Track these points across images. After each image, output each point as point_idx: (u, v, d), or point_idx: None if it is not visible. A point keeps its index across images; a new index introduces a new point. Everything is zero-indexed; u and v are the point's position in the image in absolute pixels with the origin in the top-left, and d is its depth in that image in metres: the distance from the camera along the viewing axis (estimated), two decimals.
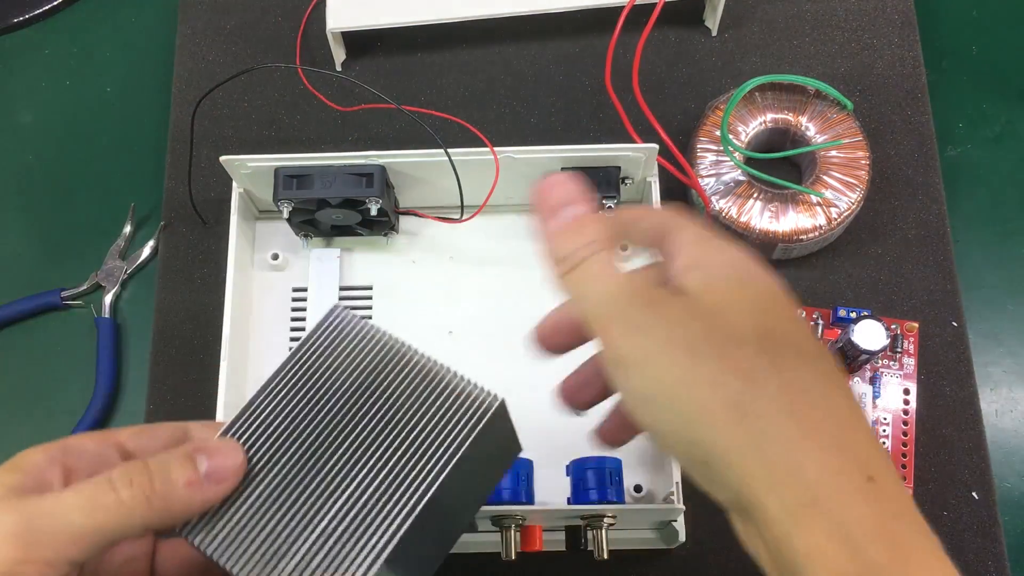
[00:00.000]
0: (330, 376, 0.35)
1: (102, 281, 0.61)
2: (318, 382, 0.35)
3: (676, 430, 0.30)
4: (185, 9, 0.67)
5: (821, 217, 0.56)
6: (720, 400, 0.28)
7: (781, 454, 0.28)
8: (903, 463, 0.53)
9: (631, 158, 0.53)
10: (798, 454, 0.28)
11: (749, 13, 0.65)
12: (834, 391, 0.29)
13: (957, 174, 0.62)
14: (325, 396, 0.35)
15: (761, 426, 0.28)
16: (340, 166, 0.52)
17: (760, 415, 0.28)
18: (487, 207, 0.55)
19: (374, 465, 0.34)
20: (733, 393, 0.28)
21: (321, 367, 0.36)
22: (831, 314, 0.56)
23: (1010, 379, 0.58)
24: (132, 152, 0.65)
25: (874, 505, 0.28)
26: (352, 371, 0.36)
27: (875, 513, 0.28)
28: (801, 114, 0.58)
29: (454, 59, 0.65)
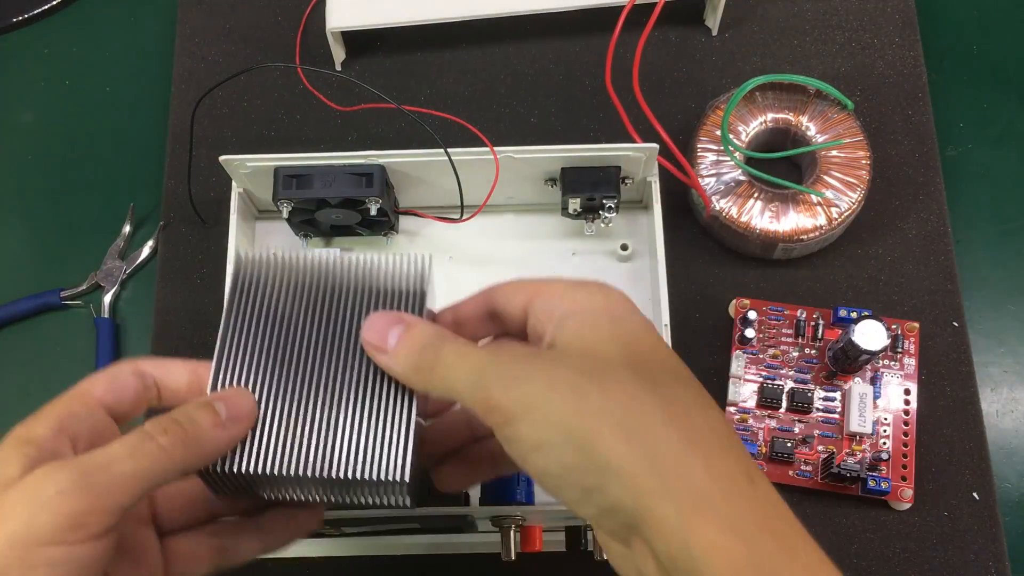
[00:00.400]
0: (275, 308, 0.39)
1: (101, 281, 0.61)
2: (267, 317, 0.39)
3: (570, 465, 0.31)
4: (185, 9, 0.67)
5: (822, 217, 0.56)
6: (608, 425, 0.30)
7: (671, 464, 0.30)
8: (904, 463, 0.53)
9: (631, 158, 0.53)
10: (686, 462, 0.30)
11: (749, 13, 0.65)
12: (708, 407, 0.33)
13: (958, 174, 0.62)
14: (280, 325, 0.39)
15: (649, 441, 0.30)
16: (340, 166, 0.52)
17: (646, 431, 0.30)
18: (487, 207, 0.55)
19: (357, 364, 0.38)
20: (619, 416, 0.31)
21: (261, 306, 0.39)
22: (831, 314, 0.56)
23: (1011, 379, 0.58)
24: (132, 152, 0.65)
25: (756, 502, 0.31)
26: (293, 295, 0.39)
27: (758, 509, 0.31)
28: (801, 114, 0.58)
29: (454, 59, 0.65)
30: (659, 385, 0.32)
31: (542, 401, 0.32)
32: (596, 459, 0.31)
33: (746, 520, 0.30)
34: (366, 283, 0.40)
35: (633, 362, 0.33)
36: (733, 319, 0.57)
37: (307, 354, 0.38)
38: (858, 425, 0.53)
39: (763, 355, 0.56)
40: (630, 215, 0.58)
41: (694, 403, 0.32)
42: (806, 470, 0.54)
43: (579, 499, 0.32)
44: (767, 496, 0.31)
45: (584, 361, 0.33)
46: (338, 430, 0.37)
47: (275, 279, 0.40)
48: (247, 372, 0.38)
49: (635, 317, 0.35)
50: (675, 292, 0.55)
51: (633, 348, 0.33)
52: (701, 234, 0.60)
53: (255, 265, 0.40)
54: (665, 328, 0.51)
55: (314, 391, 0.38)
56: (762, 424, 0.54)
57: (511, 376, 0.33)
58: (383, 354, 0.37)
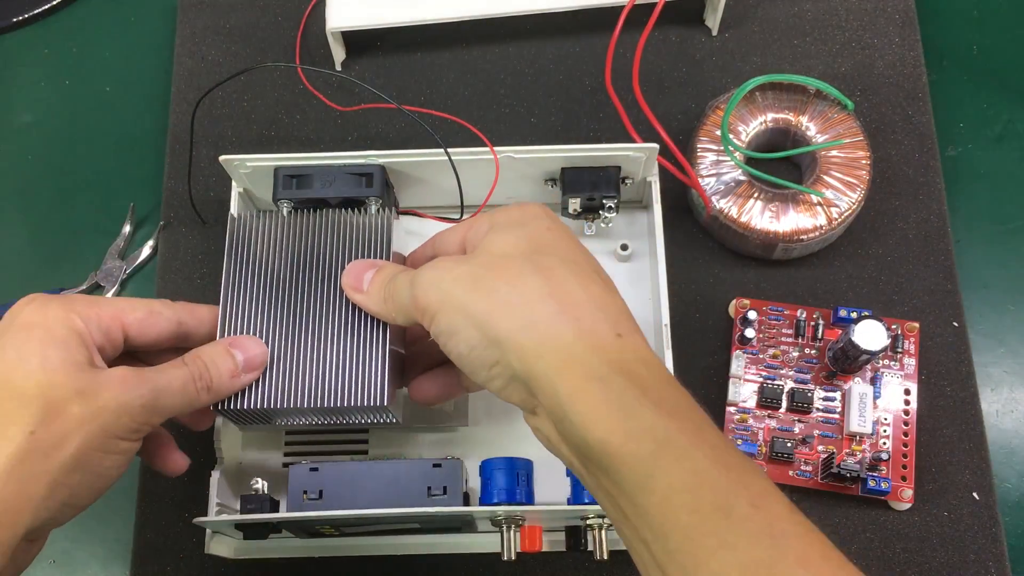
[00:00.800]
0: (266, 261, 0.48)
1: (101, 281, 0.61)
2: (260, 269, 0.47)
3: (475, 344, 0.38)
4: (185, 9, 0.67)
5: (822, 217, 0.56)
6: (498, 304, 0.37)
7: (545, 329, 0.36)
8: (904, 463, 0.53)
9: (631, 158, 0.53)
10: (558, 325, 0.36)
11: (749, 13, 0.65)
12: (589, 283, 0.38)
13: (957, 174, 0.62)
14: (271, 276, 0.47)
15: (529, 312, 0.37)
16: (340, 166, 0.52)
17: (528, 305, 0.37)
18: (487, 207, 0.55)
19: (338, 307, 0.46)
20: (505, 295, 0.37)
21: (254, 259, 0.48)
22: (831, 314, 0.56)
23: (1011, 379, 0.58)
24: (132, 152, 0.65)
25: (618, 352, 0.36)
26: (280, 249, 0.48)
27: (618, 357, 0.36)
28: (801, 114, 0.58)
29: (454, 59, 0.65)
30: (545, 268, 0.38)
31: (450, 294, 0.39)
32: (491, 334, 0.37)
33: (605, 367, 0.36)
34: (342, 237, 0.48)
35: (528, 253, 0.39)
36: (733, 319, 0.57)
37: (295, 300, 0.47)
38: (858, 425, 0.53)
39: (763, 355, 0.56)
40: (630, 215, 0.58)
41: (574, 279, 0.38)
42: (806, 470, 0.54)
43: (489, 375, 0.38)
44: (632, 347, 0.37)
45: (488, 258, 0.39)
46: (326, 366, 0.46)
47: (264, 236, 0.48)
48: (248, 318, 0.46)
49: (539, 221, 0.41)
50: (675, 292, 0.55)
51: (535, 243, 0.40)
52: (701, 234, 0.60)
53: (245, 223, 0.49)
54: (665, 328, 0.51)
55: (303, 332, 0.46)
56: (762, 424, 0.54)
57: (430, 280, 0.40)
58: (359, 293, 0.45)
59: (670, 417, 0.35)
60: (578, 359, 0.36)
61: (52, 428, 0.38)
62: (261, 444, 0.54)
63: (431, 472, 0.48)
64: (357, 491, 0.48)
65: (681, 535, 0.33)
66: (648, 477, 0.34)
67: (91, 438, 0.39)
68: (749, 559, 0.32)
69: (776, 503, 0.34)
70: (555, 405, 0.36)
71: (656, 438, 0.34)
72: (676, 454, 0.34)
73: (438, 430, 0.54)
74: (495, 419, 0.54)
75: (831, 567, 0.33)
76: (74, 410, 0.39)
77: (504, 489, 0.48)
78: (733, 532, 0.32)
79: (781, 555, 0.32)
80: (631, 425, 0.34)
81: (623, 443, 0.34)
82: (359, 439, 0.54)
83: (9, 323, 0.41)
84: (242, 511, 0.49)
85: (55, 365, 0.39)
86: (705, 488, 0.33)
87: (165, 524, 0.54)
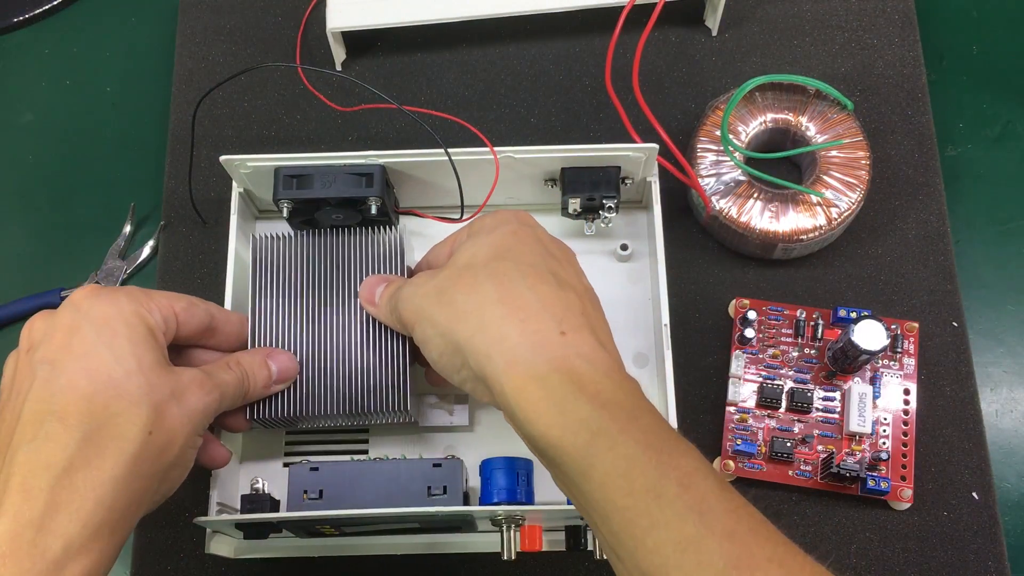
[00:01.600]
0: (289, 277, 0.51)
1: (102, 281, 0.61)
2: (285, 285, 0.51)
3: (443, 350, 0.41)
4: (185, 9, 0.67)
5: (821, 217, 0.56)
6: (457, 312, 0.40)
7: (494, 332, 0.39)
8: (903, 463, 0.53)
9: (631, 158, 0.53)
10: (505, 328, 0.39)
11: (749, 13, 0.65)
12: (539, 281, 0.41)
13: (957, 174, 0.62)
14: (298, 289, 0.51)
15: (481, 317, 0.40)
16: (340, 166, 0.52)
17: (481, 310, 0.40)
18: (487, 207, 0.55)
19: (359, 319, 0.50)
20: (462, 304, 0.41)
21: (278, 276, 0.51)
22: (831, 314, 0.56)
23: (1010, 379, 0.58)
24: (132, 152, 0.65)
25: (561, 349, 0.38)
26: (302, 267, 0.51)
27: (562, 354, 0.38)
28: (801, 114, 0.58)
29: (454, 59, 0.65)
30: (499, 274, 0.41)
31: (421, 308, 0.42)
32: (453, 340, 0.40)
33: (545, 365, 0.38)
34: (359, 255, 0.51)
35: (490, 260, 0.42)
36: (733, 319, 0.57)
37: (319, 314, 0.50)
38: (858, 425, 0.53)
39: (763, 355, 0.56)
40: (630, 215, 0.58)
41: (524, 281, 0.40)
42: (806, 470, 0.54)
43: (460, 378, 0.41)
44: (574, 343, 0.39)
45: (453, 270, 0.42)
46: (350, 373, 0.49)
47: (286, 255, 0.52)
48: (276, 332, 0.50)
49: (506, 227, 0.43)
50: (675, 292, 0.55)
51: (496, 250, 0.42)
52: (701, 234, 0.60)
53: (269, 244, 0.52)
54: (665, 328, 0.51)
55: (327, 343, 0.50)
56: (762, 424, 0.54)
57: (407, 296, 0.44)
58: (373, 306, 0.49)
59: (603, 408, 0.37)
60: (521, 359, 0.38)
61: (164, 428, 0.41)
62: (261, 444, 0.54)
63: (431, 472, 0.48)
64: (357, 491, 0.48)
65: (620, 517, 0.35)
66: (587, 466, 0.36)
67: (187, 437, 0.42)
68: (679, 535, 0.34)
69: (704, 480, 0.36)
70: (504, 403, 0.39)
71: (591, 429, 0.36)
72: (609, 443, 0.36)
73: (438, 430, 0.54)
74: (495, 419, 0.54)
75: (758, 539, 0.35)
76: (174, 411, 0.41)
77: (504, 489, 0.48)
78: (664, 511, 0.35)
79: (708, 530, 0.34)
80: (567, 419, 0.37)
81: (561, 436, 0.37)
82: (359, 439, 0.54)
83: (83, 317, 0.41)
84: (242, 511, 0.49)
85: (150, 365, 0.41)
86: (636, 472, 0.36)
87: (165, 524, 0.54)
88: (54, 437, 0.38)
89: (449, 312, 0.41)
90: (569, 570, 0.53)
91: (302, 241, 0.52)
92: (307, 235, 0.52)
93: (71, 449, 0.38)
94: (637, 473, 0.35)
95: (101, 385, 0.39)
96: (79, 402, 0.39)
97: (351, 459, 0.52)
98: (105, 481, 0.38)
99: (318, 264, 0.51)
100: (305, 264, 0.51)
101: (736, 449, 0.54)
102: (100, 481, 0.38)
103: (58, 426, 0.38)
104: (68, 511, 0.37)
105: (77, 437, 0.38)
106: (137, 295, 0.43)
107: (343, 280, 0.51)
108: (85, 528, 0.37)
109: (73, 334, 0.40)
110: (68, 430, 0.38)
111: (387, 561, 0.53)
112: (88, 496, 0.37)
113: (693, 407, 0.56)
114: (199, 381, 0.43)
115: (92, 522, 0.37)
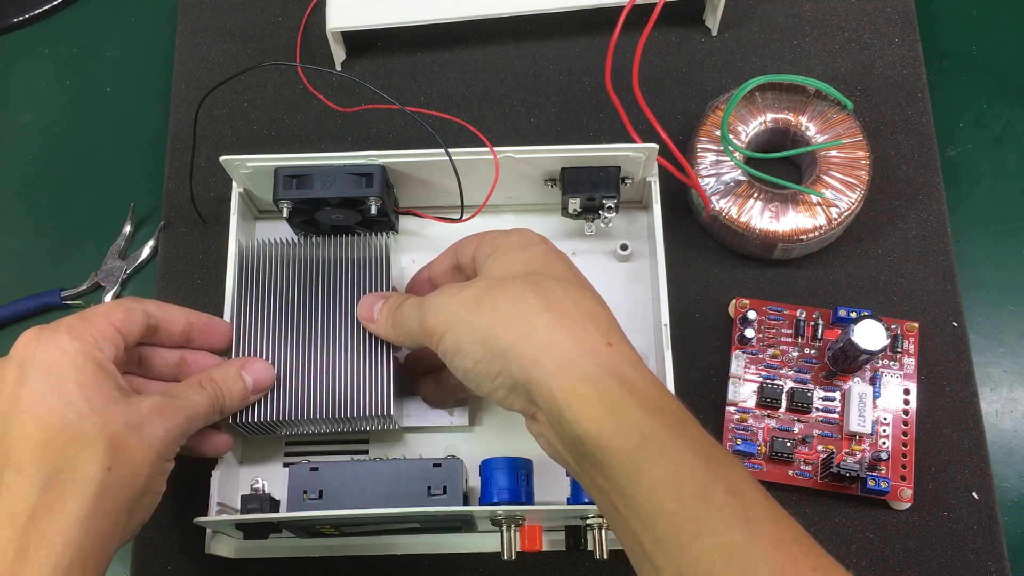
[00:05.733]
0: (273, 283, 0.51)
1: (102, 281, 0.61)
2: (268, 291, 0.51)
3: (479, 358, 0.41)
4: (185, 9, 0.67)
5: (821, 217, 0.56)
6: (500, 319, 0.40)
7: (541, 338, 0.39)
8: (903, 463, 0.53)
9: (631, 158, 0.53)
10: (552, 334, 0.39)
11: (749, 13, 0.65)
12: (581, 296, 0.42)
13: (957, 174, 0.62)
14: (282, 295, 0.51)
15: (527, 324, 0.40)
16: (340, 166, 0.52)
17: (526, 317, 0.40)
18: (487, 207, 0.55)
19: (343, 326, 0.51)
20: (506, 310, 0.41)
21: (262, 282, 0.51)
22: (831, 314, 0.56)
23: (1010, 379, 0.58)
24: (132, 152, 0.65)
25: (608, 356, 0.39)
26: (286, 273, 0.52)
27: (608, 361, 0.39)
28: (801, 114, 0.58)
29: (454, 59, 0.65)
30: (541, 286, 0.41)
31: (455, 315, 0.42)
32: (494, 347, 0.40)
33: (595, 369, 0.38)
34: (344, 260, 0.52)
35: (526, 274, 0.43)
36: (733, 319, 0.57)
37: (302, 320, 0.51)
38: (858, 425, 0.53)
39: (763, 355, 0.56)
40: (630, 215, 0.58)
41: (567, 295, 0.41)
42: (806, 470, 0.54)
43: (493, 386, 0.41)
44: (620, 352, 0.40)
45: (489, 281, 0.43)
46: (333, 379, 0.50)
47: (270, 261, 0.52)
48: (259, 338, 0.50)
49: (537, 247, 0.45)
50: (675, 292, 0.55)
51: (532, 266, 0.43)
52: (701, 234, 0.60)
53: (254, 250, 0.52)
54: (665, 328, 0.51)
55: (310, 349, 0.50)
56: (762, 424, 0.54)
57: (437, 305, 0.43)
58: (372, 323, 0.49)
59: (655, 414, 0.37)
60: (572, 362, 0.39)
61: (124, 462, 0.41)
62: (261, 444, 0.54)
63: (431, 472, 0.48)
64: (357, 491, 0.48)
65: (666, 522, 0.35)
66: (636, 469, 0.36)
67: (153, 465, 0.42)
68: (726, 542, 0.34)
69: (751, 490, 0.36)
70: (552, 405, 0.38)
71: (642, 433, 0.37)
72: (660, 447, 0.36)
73: (438, 430, 0.54)
74: (495, 419, 0.54)
75: (802, 549, 0.35)
76: (133, 443, 0.41)
77: (504, 489, 0.48)
78: (711, 518, 0.35)
79: (755, 538, 0.34)
80: (620, 421, 0.37)
81: (612, 438, 0.37)
82: (359, 439, 0.54)
83: (29, 367, 0.41)
84: (242, 511, 0.49)
85: (103, 402, 0.41)
86: (686, 477, 0.36)
87: (165, 524, 0.54)
88: (14, 489, 0.39)
89: (490, 318, 0.41)
90: (569, 570, 0.53)
91: (287, 247, 0.52)
92: (292, 241, 0.53)
93: (33, 498, 0.39)
94: (687, 478, 0.36)
95: (54, 432, 0.40)
96: (34, 451, 0.39)
97: (351, 459, 0.52)
98: (71, 524, 0.39)
99: (302, 270, 0.52)
100: (287, 270, 0.52)
101: (736, 449, 0.54)
102: (66, 524, 0.39)
103: (16, 478, 0.39)
104: (38, 557, 0.38)
105: (37, 485, 0.39)
106: (78, 328, 0.43)
107: (327, 286, 0.51)
108: (56, 571, 0.38)
109: (21, 385, 0.41)
110: (26, 480, 0.39)
111: (387, 561, 0.53)
112: (56, 540, 0.38)
113: (693, 407, 0.55)
114: (159, 408, 0.43)
115: (63, 564, 0.38)
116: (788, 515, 0.36)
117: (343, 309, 0.51)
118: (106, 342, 0.44)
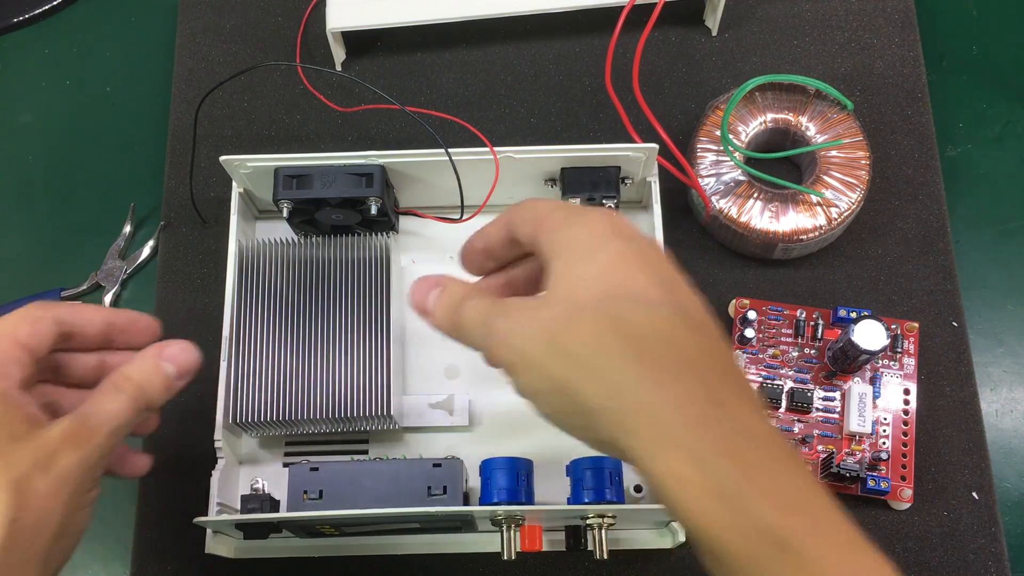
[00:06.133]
0: (273, 284, 0.52)
1: (102, 281, 0.61)
2: (268, 291, 0.51)
3: (561, 408, 0.35)
4: (185, 9, 0.67)
5: (821, 217, 0.56)
6: (581, 370, 0.33)
7: (633, 399, 0.32)
8: (903, 463, 0.53)
9: (631, 158, 0.53)
10: (648, 396, 0.32)
11: (749, 13, 0.65)
12: (673, 330, 0.34)
13: (957, 174, 0.62)
14: (282, 296, 0.52)
15: (614, 379, 0.33)
16: (340, 166, 0.52)
17: (611, 370, 0.33)
18: (487, 207, 0.55)
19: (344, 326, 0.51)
20: (583, 359, 0.33)
21: (261, 283, 0.52)
22: (831, 314, 0.56)
23: (1010, 379, 0.58)
24: (132, 152, 0.65)
25: (718, 426, 0.32)
26: (285, 273, 0.52)
27: (719, 433, 0.32)
28: (801, 114, 0.58)
29: (454, 59, 0.65)
30: (622, 321, 0.33)
31: (525, 355, 0.35)
32: (577, 402, 0.33)
33: (705, 446, 0.32)
34: (344, 260, 0.52)
35: (604, 299, 0.34)
36: (733, 319, 0.57)
37: (302, 320, 0.51)
38: (857, 425, 0.53)
39: (763, 355, 0.56)
40: (630, 215, 0.58)
41: (657, 333, 0.33)
42: None
43: (580, 436, 0.35)
44: (733, 417, 0.32)
45: (562, 309, 0.35)
46: (334, 379, 0.50)
47: (269, 262, 0.52)
48: (259, 339, 0.51)
49: (611, 247, 0.36)
50: None
51: (607, 281, 0.35)
52: (701, 234, 0.60)
53: (254, 250, 0.52)
54: None
55: (311, 349, 0.50)
56: None
57: (504, 331, 0.36)
58: (427, 316, 0.40)
59: (785, 512, 0.31)
60: (672, 437, 0.32)
61: (31, 507, 0.37)
62: (261, 444, 0.54)
63: (431, 472, 0.48)
64: (357, 491, 0.48)
65: None
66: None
67: (67, 504, 0.38)
68: None
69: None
70: (655, 485, 0.33)
71: (773, 540, 0.31)
72: (797, 562, 0.31)
73: (438, 430, 0.54)
74: (495, 419, 0.54)
75: None
76: (39, 485, 0.37)
77: (504, 489, 0.48)
78: None
79: None
80: (741, 521, 0.31)
81: (732, 540, 0.31)
82: (359, 439, 0.54)
83: None
84: (242, 511, 0.49)
85: (3, 444, 0.37)
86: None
87: (165, 524, 0.54)
88: None
89: (566, 364, 0.34)
90: (569, 570, 0.53)
91: (287, 247, 0.53)
92: (292, 241, 0.53)
93: None
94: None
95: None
96: None
97: (351, 459, 0.52)
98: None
99: (302, 270, 0.52)
100: (287, 270, 0.52)
101: None
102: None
103: None
104: None
105: None
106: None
107: (327, 286, 0.52)
108: None
109: None
110: None
111: (387, 561, 0.53)
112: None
113: None
114: (71, 434, 0.39)
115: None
116: None
117: (343, 309, 0.52)
118: (11, 364, 0.40)
